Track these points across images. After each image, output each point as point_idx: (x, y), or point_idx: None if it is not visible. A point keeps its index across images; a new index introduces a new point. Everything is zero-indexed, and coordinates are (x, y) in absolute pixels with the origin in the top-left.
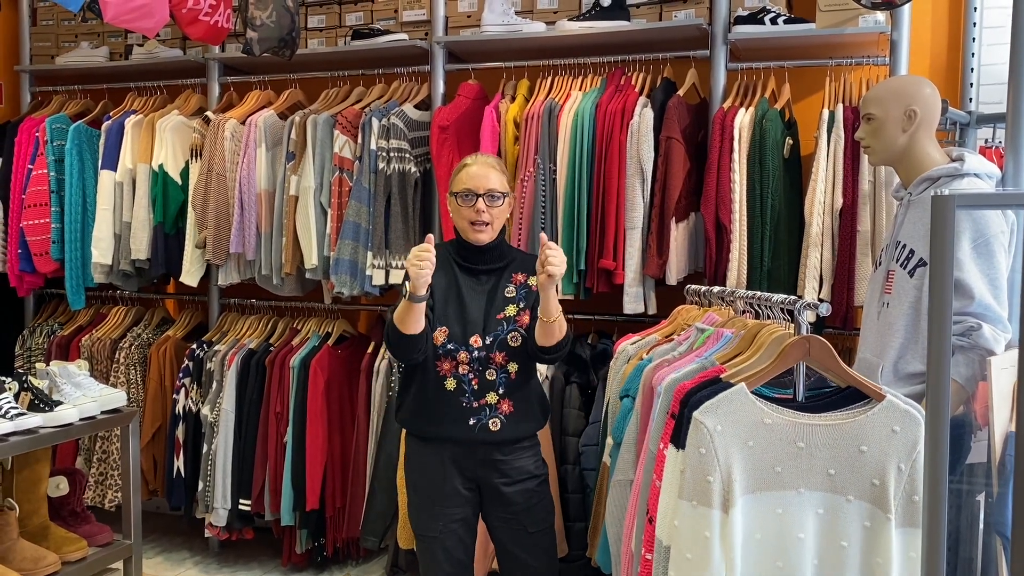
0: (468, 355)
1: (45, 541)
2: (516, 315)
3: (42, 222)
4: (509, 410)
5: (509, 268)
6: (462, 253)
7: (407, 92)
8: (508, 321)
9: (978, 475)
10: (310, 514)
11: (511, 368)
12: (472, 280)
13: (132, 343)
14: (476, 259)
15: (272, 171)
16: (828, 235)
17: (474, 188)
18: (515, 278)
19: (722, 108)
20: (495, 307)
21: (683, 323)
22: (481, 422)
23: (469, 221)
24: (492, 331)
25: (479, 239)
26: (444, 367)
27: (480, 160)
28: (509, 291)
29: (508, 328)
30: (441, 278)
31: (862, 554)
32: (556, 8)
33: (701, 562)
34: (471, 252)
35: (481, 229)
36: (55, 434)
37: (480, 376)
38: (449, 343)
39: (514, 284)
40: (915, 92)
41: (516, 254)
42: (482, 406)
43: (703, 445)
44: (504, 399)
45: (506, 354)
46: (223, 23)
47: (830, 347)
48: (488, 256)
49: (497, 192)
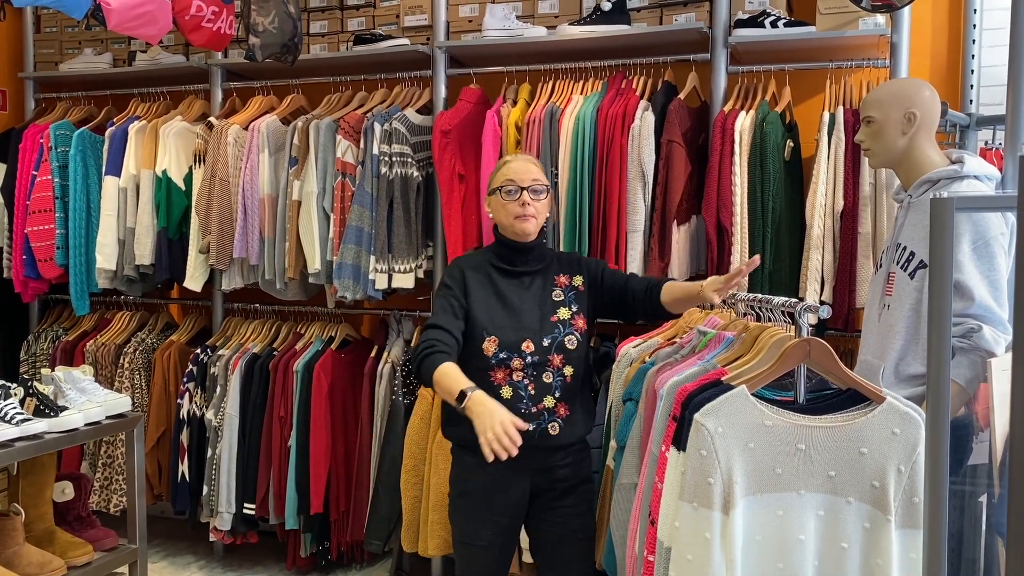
0: (522, 361)
1: (51, 546)
2: (571, 318)
3: (46, 228)
4: (566, 413)
5: (551, 269)
6: (503, 255)
7: (409, 97)
8: (564, 324)
9: (980, 476)
10: (314, 518)
11: (567, 371)
12: (515, 283)
13: (136, 348)
14: (518, 260)
15: (275, 176)
16: (829, 237)
17: (518, 180)
18: (558, 280)
19: (723, 111)
20: (547, 310)
21: (685, 326)
22: (541, 427)
23: (515, 214)
24: (548, 334)
25: (525, 229)
26: (497, 376)
27: (520, 157)
28: (556, 294)
29: (565, 331)
30: (479, 285)
31: (862, 555)
32: (557, 12)
33: (702, 563)
34: (513, 252)
35: (527, 219)
36: (60, 439)
37: (536, 380)
38: (501, 352)
39: (560, 287)
40: (915, 95)
41: (554, 254)
42: (540, 411)
43: (704, 447)
44: (561, 402)
45: (563, 356)
46: (226, 29)
47: (830, 349)
48: (530, 256)
49: (540, 185)
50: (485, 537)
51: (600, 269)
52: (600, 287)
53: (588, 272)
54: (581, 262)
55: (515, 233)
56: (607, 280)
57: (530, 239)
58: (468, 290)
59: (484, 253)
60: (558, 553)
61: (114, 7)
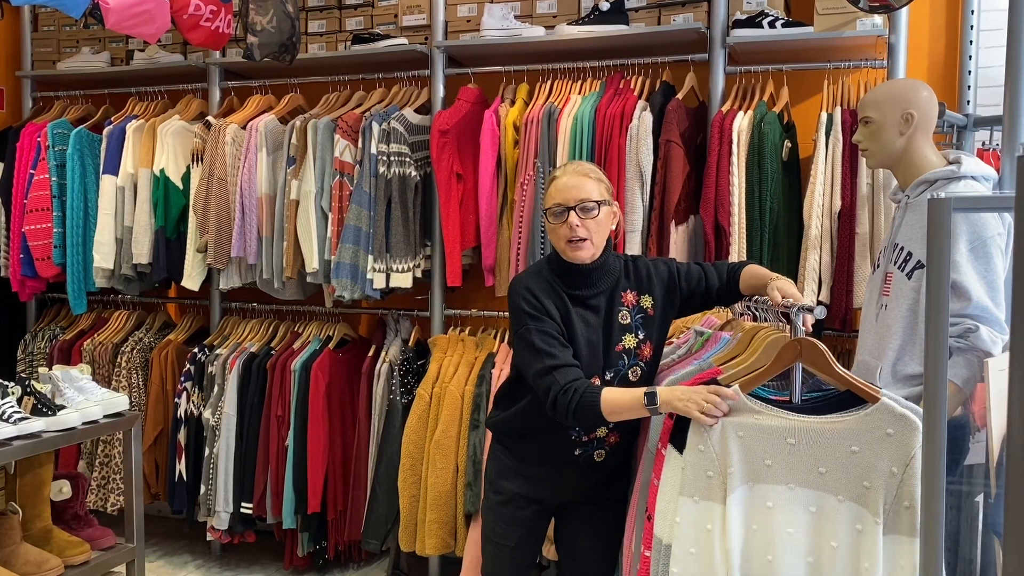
0: None
1: (48, 545)
2: (636, 347)
3: (44, 227)
4: (616, 441)
5: (618, 287)
6: (563, 276)
7: (407, 96)
8: (628, 354)
9: (977, 476)
10: (312, 517)
11: None
12: (583, 310)
13: (134, 347)
14: (580, 283)
15: (273, 175)
16: (827, 237)
17: (564, 201)
18: (625, 299)
19: (721, 111)
20: (612, 339)
21: (682, 326)
22: (587, 453)
23: (565, 239)
24: (612, 367)
25: (579, 257)
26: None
27: (570, 170)
28: (623, 316)
29: (629, 363)
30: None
31: (851, 557)
32: (555, 12)
33: (704, 556)
34: (574, 275)
35: (579, 246)
36: (58, 438)
37: None
38: None
39: (627, 307)
40: (912, 95)
41: (622, 265)
42: (592, 440)
43: (701, 443)
44: (613, 432)
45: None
46: (224, 29)
47: (824, 349)
48: (593, 277)
49: (591, 202)
50: (514, 538)
51: (676, 278)
52: (677, 296)
53: (663, 289)
54: (653, 277)
55: (568, 258)
56: (686, 291)
57: (588, 262)
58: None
59: (546, 272)
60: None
61: (112, 6)
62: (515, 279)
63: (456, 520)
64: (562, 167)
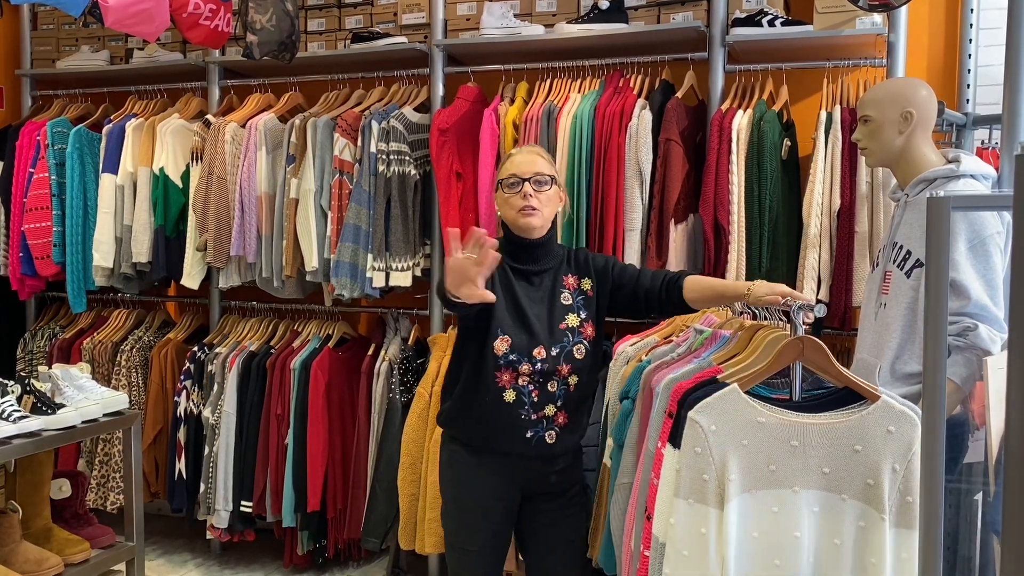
0: (531, 367)
1: (48, 543)
2: (580, 326)
3: (43, 225)
4: (565, 422)
5: (560, 269)
6: (512, 251)
7: (407, 95)
8: (572, 332)
9: (976, 474)
10: (311, 516)
11: (572, 380)
12: (527, 285)
13: (133, 346)
14: (527, 258)
15: (272, 174)
16: (826, 236)
17: (520, 173)
18: (567, 281)
19: (720, 110)
20: (556, 316)
21: (682, 324)
22: (538, 435)
23: (517, 208)
24: (558, 342)
25: (530, 223)
26: (503, 378)
27: (525, 149)
28: (565, 297)
29: (573, 340)
30: (497, 281)
31: (856, 553)
32: (555, 11)
33: (698, 559)
34: (522, 249)
35: (530, 213)
36: (57, 437)
37: (541, 388)
38: (511, 353)
39: (568, 289)
40: (911, 94)
41: (564, 252)
42: (540, 419)
43: (698, 444)
44: (561, 411)
45: (571, 366)
46: (223, 27)
47: (824, 348)
48: (540, 253)
49: (544, 176)
50: (477, 542)
51: (609, 267)
52: (610, 288)
53: (597, 273)
54: (590, 261)
55: (520, 228)
56: (617, 279)
57: (536, 235)
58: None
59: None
60: (547, 555)
61: (111, 4)
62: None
63: None
64: (516, 148)
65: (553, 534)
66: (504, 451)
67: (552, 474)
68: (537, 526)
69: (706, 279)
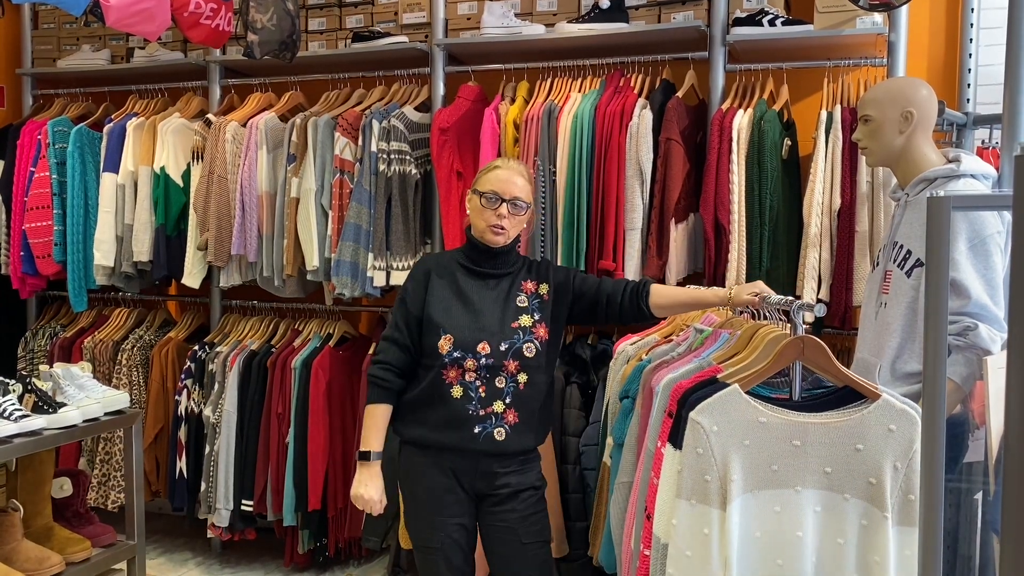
0: (475, 362)
1: (49, 542)
2: (532, 326)
3: (44, 224)
4: (515, 420)
5: (519, 275)
6: (471, 255)
7: (407, 94)
8: (524, 331)
9: (976, 474)
10: (312, 514)
11: (521, 378)
12: (479, 284)
13: (134, 345)
14: (486, 262)
15: (273, 173)
16: (826, 236)
17: (500, 192)
18: (525, 286)
19: (721, 109)
20: (508, 315)
21: (682, 324)
22: (486, 431)
23: (489, 224)
24: (508, 339)
25: (495, 241)
26: (450, 375)
27: (510, 165)
28: (521, 300)
29: (524, 338)
30: (442, 286)
31: (859, 552)
32: (555, 10)
33: (701, 559)
34: (481, 255)
35: (498, 232)
36: (58, 436)
37: (488, 384)
38: (455, 351)
39: (525, 293)
40: (912, 94)
41: (524, 260)
42: (488, 414)
43: (700, 445)
44: (510, 409)
45: (519, 363)
46: (224, 27)
47: (825, 347)
48: (498, 260)
49: (522, 201)
50: (438, 539)
51: (570, 277)
52: (569, 295)
53: (555, 280)
54: (550, 270)
55: (484, 239)
56: (577, 287)
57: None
58: (429, 290)
59: (455, 252)
60: (506, 557)
61: (112, 3)
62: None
63: None
64: (501, 159)
65: (508, 537)
66: (453, 447)
67: (500, 474)
68: (493, 528)
69: (676, 288)
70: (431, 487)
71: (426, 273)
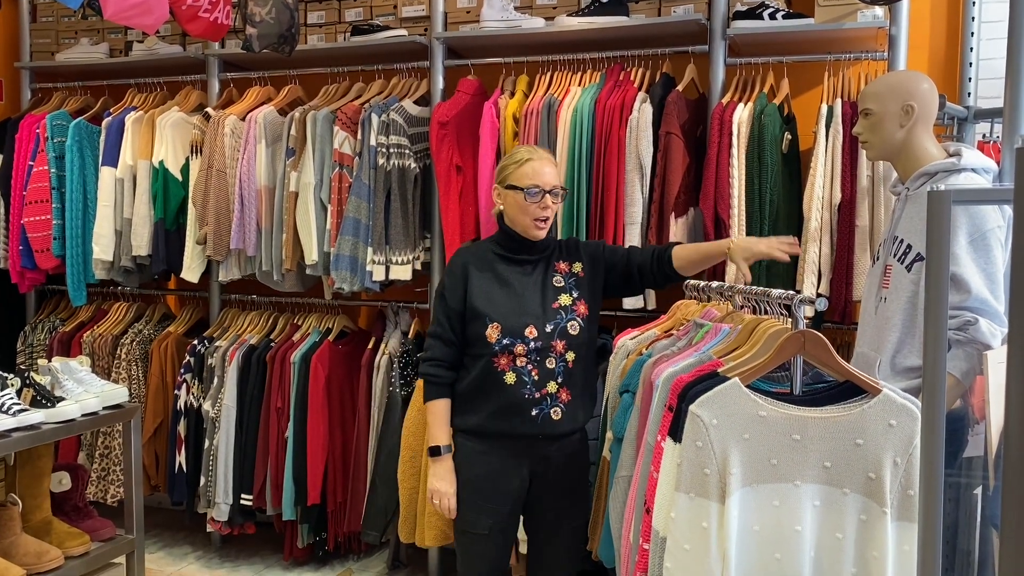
0: (525, 347)
1: (48, 536)
2: (572, 304)
3: (43, 219)
4: (568, 398)
5: (552, 256)
6: (507, 244)
7: (406, 88)
8: (566, 310)
9: (976, 469)
10: (311, 509)
11: (569, 357)
12: (517, 270)
13: (133, 339)
14: (523, 250)
15: (272, 167)
16: (826, 230)
17: (542, 184)
18: (559, 267)
19: (721, 103)
20: (548, 297)
21: (682, 318)
22: (543, 412)
23: (533, 217)
24: (552, 320)
25: (538, 236)
26: (501, 362)
27: (540, 154)
28: (557, 280)
29: (567, 317)
30: (482, 276)
31: (858, 547)
32: (555, 3)
33: (699, 553)
34: (517, 243)
35: (542, 226)
36: (57, 430)
37: (539, 366)
38: (504, 338)
39: (560, 273)
40: (913, 87)
41: (555, 242)
42: (544, 396)
43: (699, 438)
44: (563, 388)
45: (566, 343)
46: (223, 20)
47: (826, 341)
48: (535, 246)
49: (559, 188)
50: (485, 525)
51: (600, 250)
52: (601, 268)
53: (587, 256)
54: (580, 247)
55: (528, 234)
56: (608, 259)
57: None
58: (469, 282)
59: (487, 242)
60: (550, 540)
61: None
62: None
63: None
64: (527, 149)
65: (558, 518)
66: (511, 433)
67: (559, 454)
68: (543, 510)
69: (690, 245)
70: (485, 474)
71: (463, 266)
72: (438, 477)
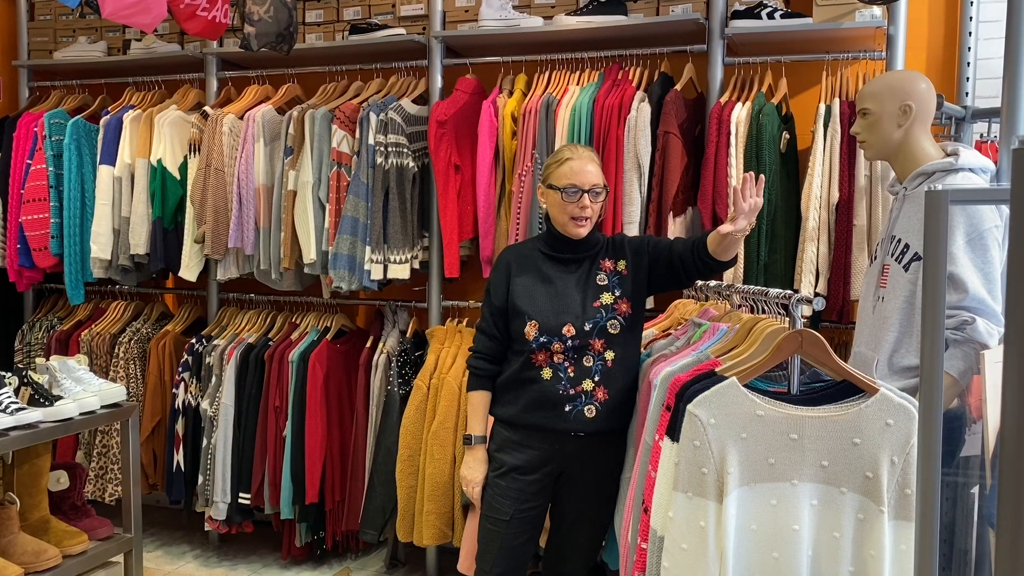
0: (562, 344)
1: (46, 535)
2: (614, 303)
3: (41, 217)
4: (604, 398)
5: (599, 255)
6: (553, 244)
7: (405, 87)
8: (607, 309)
9: (973, 468)
10: (309, 507)
11: (608, 356)
12: (561, 269)
13: (131, 338)
14: (568, 249)
15: (270, 166)
16: (824, 229)
17: (580, 184)
18: (604, 265)
19: (719, 103)
20: (590, 295)
21: (680, 317)
22: (577, 408)
23: (571, 216)
24: (591, 318)
25: (579, 233)
26: (539, 358)
27: (580, 153)
28: (601, 279)
29: (607, 316)
30: (524, 274)
31: (855, 546)
32: (553, 2)
33: (696, 552)
34: (562, 243)
35: (582, 224)
36: (55, 429)
37: (576, 363)
38: (541, 336)
39: (604, 272)
40: (910, 87)
41: (603, 240)
42: (578, 393)
43: (697, 437)
44: (600, 386)
45: (604, 341)
46: (221, 18)
47: (823, 341)
48: (580, 246)
49: (599, 187)
50: (507, 512)
51: (644, 244)
52: (645, 263)
53: (631, 252)
54: (625, 243)
55: (567, 232)
56: (652, 253)
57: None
58: (511, 280)
59: (535, 240)
60: (569, 534)
61: None
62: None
63: (453, 511)
64: (569, 148)
65: (580, 514)
66: (543, 426)
67: (590, 452)
68: (568, 504)
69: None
70: (517, 464)
71: (507, 265)
72: (468, 466)
